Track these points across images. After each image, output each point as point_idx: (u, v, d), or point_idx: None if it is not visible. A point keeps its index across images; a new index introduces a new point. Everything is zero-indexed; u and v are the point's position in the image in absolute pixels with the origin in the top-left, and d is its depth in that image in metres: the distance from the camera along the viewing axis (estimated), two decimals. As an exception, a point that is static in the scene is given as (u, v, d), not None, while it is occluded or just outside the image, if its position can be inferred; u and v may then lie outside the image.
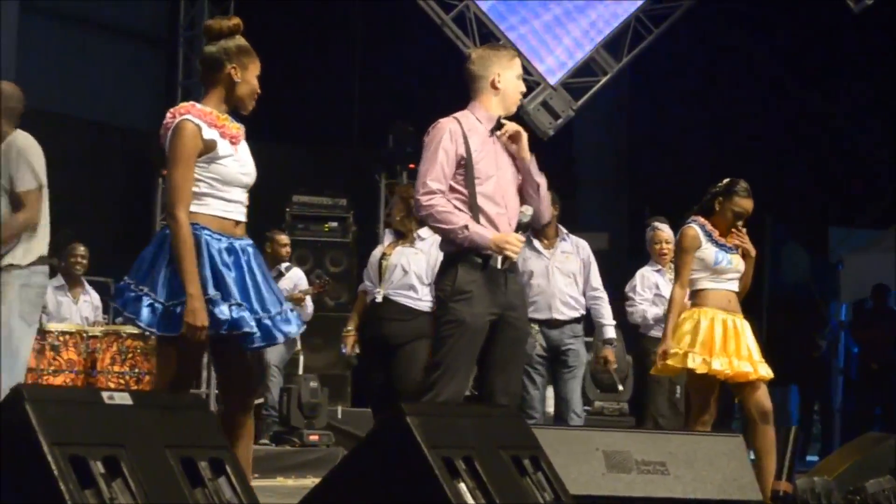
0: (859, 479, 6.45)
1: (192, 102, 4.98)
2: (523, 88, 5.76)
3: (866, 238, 15.01)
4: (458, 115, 5.65)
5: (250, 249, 4.93)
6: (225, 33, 4.98)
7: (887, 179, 15.21)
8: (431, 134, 5.60)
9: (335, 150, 14.67)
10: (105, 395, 3.43)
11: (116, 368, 9.47)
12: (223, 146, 4.87)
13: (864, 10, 12.36)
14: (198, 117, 4.85)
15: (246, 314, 4.76)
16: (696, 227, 7.06)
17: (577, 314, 8.35)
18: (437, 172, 5.52)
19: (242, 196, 4.96)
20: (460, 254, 5.52)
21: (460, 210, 5.52)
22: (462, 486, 3.99)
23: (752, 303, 7.90)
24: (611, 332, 8.54)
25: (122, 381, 9.42)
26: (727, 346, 6.87)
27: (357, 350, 7.97)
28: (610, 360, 8.59)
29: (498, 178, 5.60)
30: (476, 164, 5.54)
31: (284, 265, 10.67)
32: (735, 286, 7.10)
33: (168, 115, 4.93)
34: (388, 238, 8.01)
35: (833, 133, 15.82)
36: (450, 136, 5.54)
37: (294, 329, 4.94)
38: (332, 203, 12.59)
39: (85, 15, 13.92)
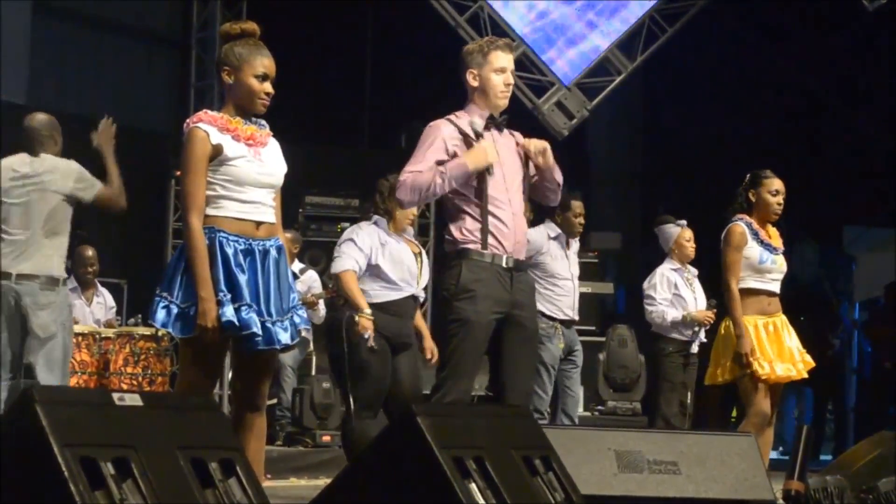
0: (872, 478, 6.43)
1: (205, 110, 5.06)
2: (508, 81, 5.62)
3: (880, 236, 14.98)
4: (453, 116, 5.65)
5: (273, 251, 4.96)
6: (231, 37, 5.01)
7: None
8: (424, 133, 5.60)
9: (348, 151, 14.68)
10: (115, 396, 3.43)
11: (129, 370, 9.48)
12: (234, 148, 4.90)
13: (879, 8, 12.34)
14: (208, 123, 4.92)
15: (254, 316, 4.80)
16: (742, 225, 7.18)
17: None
18: (415, 165, 5.51)
19: (265, 196, 4.99)
20: (463, 252, 5.52)
21: (464, 211, 5.53)
22: (473, 486, 3.99)
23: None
24: None
25: (134, 383, 9.44)
26: (765, 352, 7.02)
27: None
28: None
29: (499, 175, 5.58)
30: None
31: (298, 267, 10.67)
32: (777, 287, 7.21)
33: (185, 124, 5.01)
34: (386, 231, 7.46)
35: (848, 131, 15.78)
36: (442, 138, 5.55)
37: (288, 339, 4.95)
38: (344, 203, 12.58)
39: (98, 16, 13.94)
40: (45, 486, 3.14)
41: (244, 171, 4.91)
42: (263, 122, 5.08)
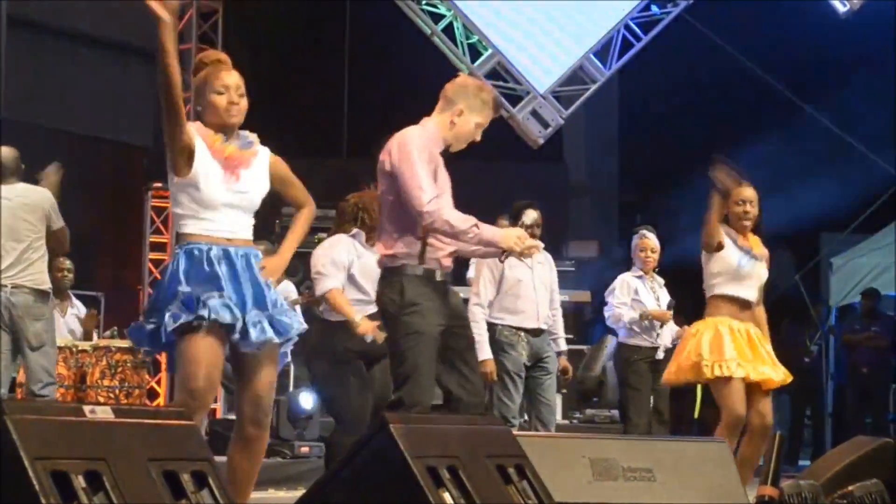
0: (847, 483, 6.43)
1: (197, 122, 5.08)
2: (477, 138, 5.73)
3: (856, 242, 15.03)
4: (422, 125, 5.73)
5: (249, 258, 4.98)
6: (196, 71, 5.10)
7: (877, 183, 15.23)
8: (410, 146, 5.59)
9: (325, 162, 14.68)
10: (87, 409, 3.43)
11: (106, 382, 9.48)
12: (205, 164, 4.93)
13: (851, 14, 12.41)
14: (196, 128, 4.98)
15: (237, 311, 4.83)
16: (720, 229, 7.18)
17: (549, 323, 8.49)
18: (428, 181, 5.55)
19: (238, 217, 5.01)
20: (403, 267, 5.60)
21: (402, 227, 5.64)
22: (446, 495, 4.00)
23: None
24: (564, 345, 8.66)
25: (111, 396, 9.43)
26: (744, 353, 7.02)
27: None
28: (568, 369, 8.65)
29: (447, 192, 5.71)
30: (440, 182, 5.66)
31: (273, 277, 10.64)
32: (753, 295, 7.21)
33: None
34: (363, 244, 7.57)
35: (824, 137, 15.82)
36: (429, 150, 5.62)
37: (272, 335, 4.97)
38: (321, 214, 12.53)
39: (73, 28, 13.92)
40: (16, 500, 3.13)
41: (211, 194, 4.93)
42: (251, 137, 5.10)
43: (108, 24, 14.08)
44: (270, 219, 12.33)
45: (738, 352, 7.09)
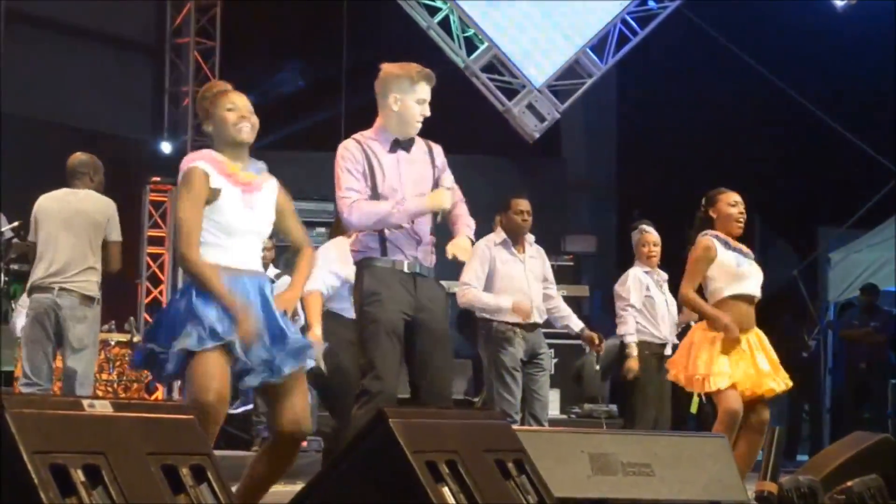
0: (846, 479, 6.43)
1: (209, 150, 5.07)
2: (425, 113, 5.79)
3: (854, 237, 15.02)
4: (359, 136, 5.85)
5: (263, 287, 5.00)
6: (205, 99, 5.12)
7: (875, 179, 15.23)
8: (341, 154, 5.77)
9: (323, 156, 14.64)
10: (86, 402, 3.42)
11: (104, 376, 9.49)
12: (230, 194, 4.94)
13: (849, 7, 12.41)
14: (209, 163, 4.94)
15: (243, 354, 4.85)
16: (710, 238, 7.14)
17: (544, 318, 8.46)
18: (350, 184, 5.69)
19: (253, 243, 5.04)
20: (366, 261, 5.72)
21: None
22: (446, 489, 4.00)
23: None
24: (578, 321, 8.65)
25: (109, 389, 9.45)
26: (739, 367, 6.99)
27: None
28: (595, 339, 8.56)
29: (403, 193, 5.74)
30: (379, 182, 5.72)
31: (273, 273, 10.65)
32: (757, 290, 7.17)
33: (183, 161, 5.06)
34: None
35: (822, 133, 15.82)
36: (352, 157, 5.73)
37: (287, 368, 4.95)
38: (319, 208, 12.57)
39: (72, 22, 13.90)
40: (15, 494, 3.12)
41: (233, 221, 4.95)
42: (262, 165, 5.12)
43: (107, 19, 14.07)
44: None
45: (731, 366, 7.05)
